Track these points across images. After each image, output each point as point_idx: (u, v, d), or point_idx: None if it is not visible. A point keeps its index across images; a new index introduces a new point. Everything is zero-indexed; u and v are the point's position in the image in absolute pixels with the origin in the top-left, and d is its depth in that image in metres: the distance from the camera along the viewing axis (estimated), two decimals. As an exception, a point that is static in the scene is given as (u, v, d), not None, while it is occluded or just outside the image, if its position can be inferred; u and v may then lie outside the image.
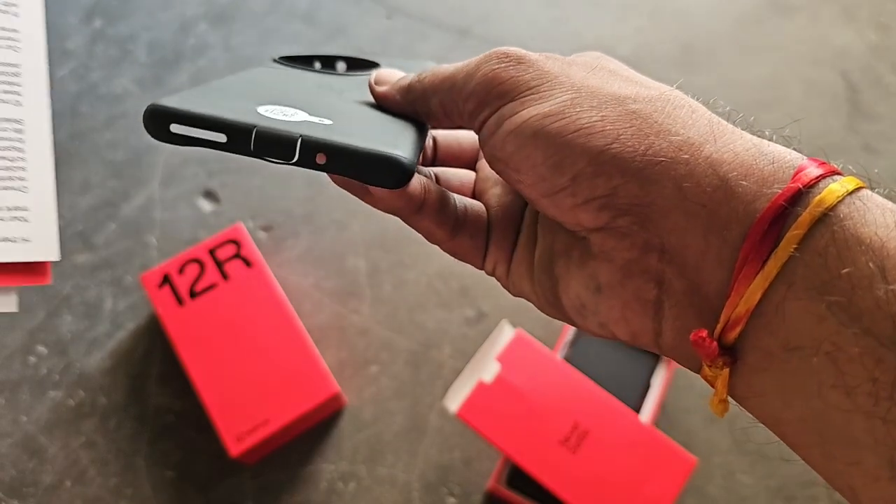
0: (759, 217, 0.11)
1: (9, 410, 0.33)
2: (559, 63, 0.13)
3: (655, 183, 0.11)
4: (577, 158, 0.12)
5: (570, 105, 0.12)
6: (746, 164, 0.11)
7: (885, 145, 0.45)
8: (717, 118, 0.12)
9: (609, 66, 0.14)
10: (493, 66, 0.13)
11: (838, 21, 0.51)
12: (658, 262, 0.12)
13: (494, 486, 0.29)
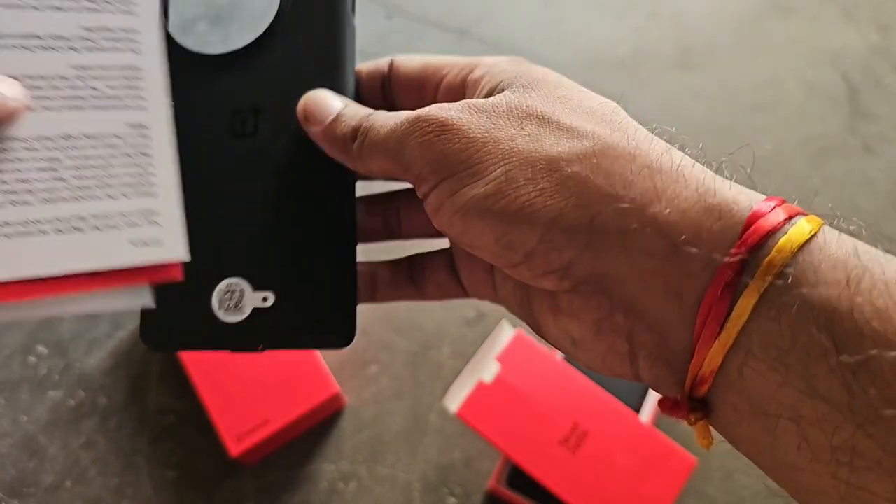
0: (709, 289, 0.10)
1: (9, 410, 0.33)
2: (484, 121, 0.12)
3: (607, 253, 0.11)
4: (526, 238, 0.12)
5: (506, 181, 0.12)
6: (694, 225, 0.11)
7: (886, 146, 0.45)
8: (658, 163, 0.12)
9: (536, 104, 0.12)
10: (420, 140, 0.13)
11: (838, 22, 0.51)
12: (626, 321, 0.12)
13: (495, 485, 0.29)
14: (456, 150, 0.12)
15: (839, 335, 0.09)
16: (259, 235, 0.13)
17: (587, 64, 0.47)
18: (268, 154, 0.13)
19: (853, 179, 0.43)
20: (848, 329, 0.09)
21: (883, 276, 0.10)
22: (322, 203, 0.14)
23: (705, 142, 0.52)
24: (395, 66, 0.16)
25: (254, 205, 0.13)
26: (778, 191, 0.48)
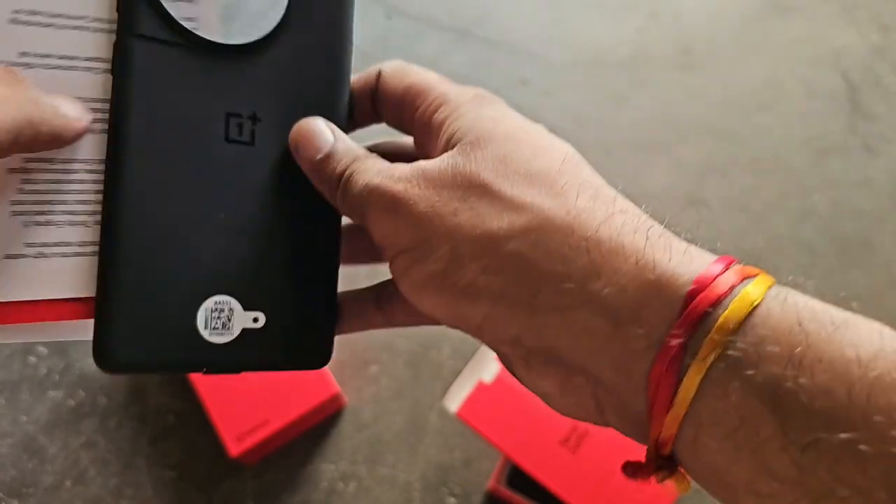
0: (654, 368, 0.10)
1: (9, 410, 0.33)
2: (430, 193, 0.12)
3: (551, 331, 0.11)
4: (473, 314, 0.12)
5: (452, 259, 0.12)
6: (634, 303, 0.11)
7: (885, 146, 0.45)
8: (596, 235, 0.11)
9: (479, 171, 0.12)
10: (376, 213, 0.13)
11: (838, 21, 0.51)
12: (586, 383, 0.12)
13: (495, 485, 0.29)
14: (405, 227, 0.12)
15: (785, 415, 0.09)
16: (250, 252, 0.12)
17: (588, 64, 0.47)
18: (264, 166, 0.13)
19: (853, 179, 0.43)
20: (793, 409, 0.09)
21: (828, 345, 0.10)
22: (312, 223, 0.13)
23: (705, 141, 0.52)
24: (382, 80, 0.16)
25: (245, 218, 0.12)
26: (778, 190, 0.48)
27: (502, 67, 0.46)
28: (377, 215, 0.13)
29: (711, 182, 0.42)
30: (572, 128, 0.43)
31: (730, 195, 0.41)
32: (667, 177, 0.42)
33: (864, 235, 0.41)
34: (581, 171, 0.13)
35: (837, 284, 0.39)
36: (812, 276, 0.39)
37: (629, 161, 0.42)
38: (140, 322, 0.11)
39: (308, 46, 0.13)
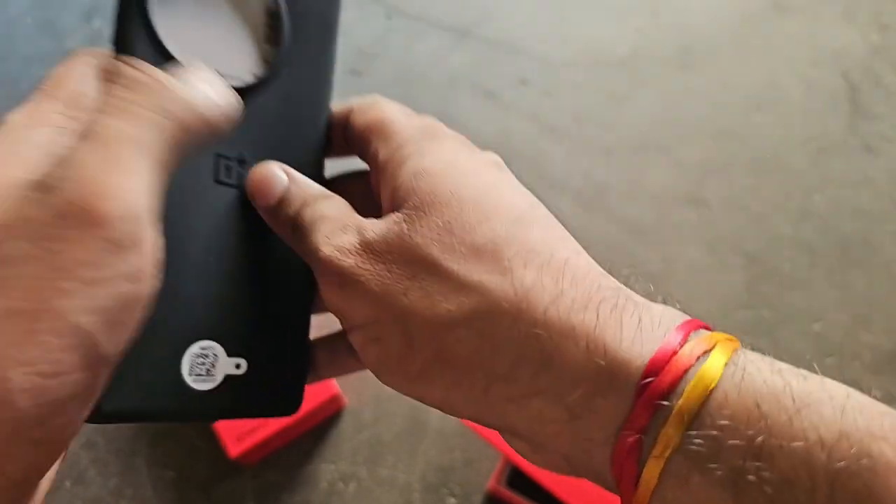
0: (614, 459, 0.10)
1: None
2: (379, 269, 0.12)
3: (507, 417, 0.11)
4: (430, 396, 0.12)
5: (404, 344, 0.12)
6: (587, 393, 0.10)
7: (886, 146, 0.45)
8: (544, 318, 0.11)
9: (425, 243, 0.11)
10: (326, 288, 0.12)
11: (839, 21, 0.51)
12: (554, 454, 0.12)
13: (495, 486, 0.29)
14: (358, 305, 0.12)
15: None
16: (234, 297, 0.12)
17: (587, 64, 0.47)
18: (248, 211, 0.13)
19: (853, 179, 0.43)
20: (757, 501, 0.09)
21: (789, 429, 0.09)
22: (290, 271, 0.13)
23: (705, 141, 0.51)
24: (351, 114, 0.15)
25: (231, 263, 0.12)
26: (778, 190, 0.47)
27: (502, 67, 0.46)
28: (329, 288, 0.12)
29: (711, 182, 0.42)
30: (572, 127, 0.43)
31: (730, 195, 0.41)
32: (667, 177, 0.42)
33: (864, 235, 0.41)
34: (530, 234, 0.12)
35: (838, 284, 0.38)
36: (812, 276, 0.39)
37: (629, 161, 0.42)
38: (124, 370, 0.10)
39: (291, 93, 0.13)
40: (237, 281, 0.12)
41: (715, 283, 0.38)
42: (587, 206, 0.40)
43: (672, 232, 0.39)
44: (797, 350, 0.36)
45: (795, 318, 0.37)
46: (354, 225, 0.12)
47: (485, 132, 0.42)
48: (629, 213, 0.40)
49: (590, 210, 0.40)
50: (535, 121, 0.44)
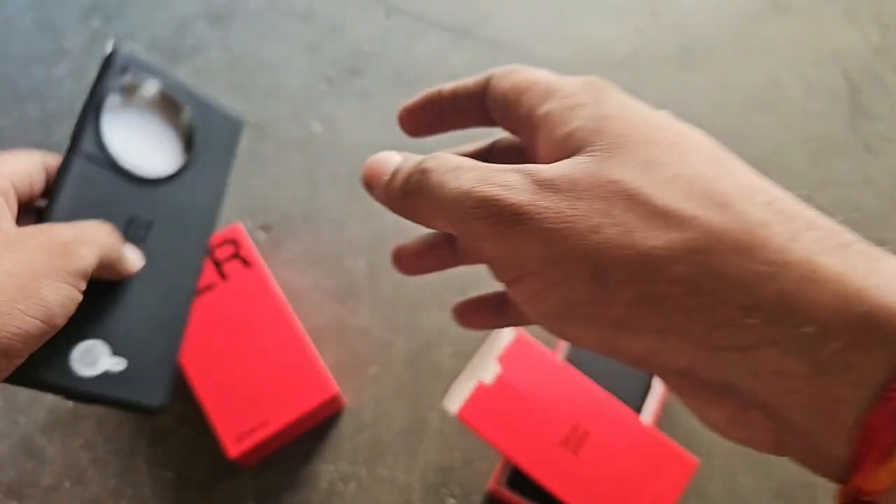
0: (870, 421, 0.09)
1: (7, 411, 0.33)
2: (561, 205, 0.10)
3: (731, 368, 0.10)
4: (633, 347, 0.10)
5: (596, 287, 0.10)
6: (841, 344, 0.09)
7: (886, 145, 0.45)
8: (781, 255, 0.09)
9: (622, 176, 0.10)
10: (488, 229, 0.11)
11: (839, 21, 0.51)
12: (765, 419, 0.10)
13: (495, 487, 0.29)
14: (531, 247, 0.10)
15: None
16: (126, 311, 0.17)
17: (587, 63, 0.47)
18: (151, 256, 0.18)
19: (854, 179, 0.43)
20: None
21: None
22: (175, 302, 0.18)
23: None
24: (491, 80, 0.15)
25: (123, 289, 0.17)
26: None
27: (502, 66, 0.46)
28: (489, 231, 0.11)
29: (712, 182, 0.42)
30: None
31: (730, 195, 0.41)
32: (667, 177, 0.42)
33: (865, 235, 0.40)
34: (738, 172, 0.11)
35: (838, 284, 0.38)
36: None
37: (629, 161, 0.42)
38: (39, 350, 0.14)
39: (195, 186, 0.19)
40: (133, 303, 0.17)
41: (715, 283, 0.38)
42: (587, 205, 0.40)
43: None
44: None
45: (795, 319, 0.37)
46: (513, 168, 0.11)
47: (485, 131, 0.42)
48: (629, 212, 0.40)
49: (590, 210, 0.39)
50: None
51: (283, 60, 0.45)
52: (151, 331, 0.17)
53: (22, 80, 0.44)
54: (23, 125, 0.42)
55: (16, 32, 0.46)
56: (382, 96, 0.43)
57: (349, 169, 0.41)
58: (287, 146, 0.42)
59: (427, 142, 0.20)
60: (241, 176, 0.40)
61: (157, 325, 0.18)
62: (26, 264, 0.13)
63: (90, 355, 0.16)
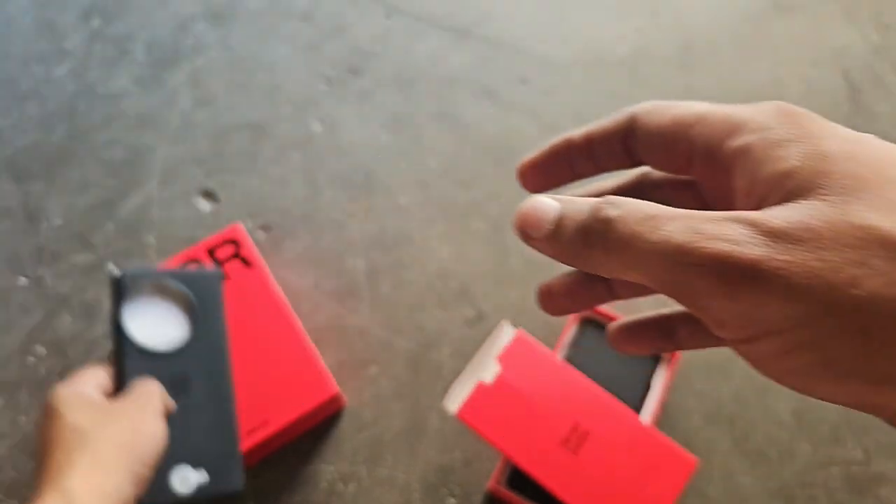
0: None
1: (8, 411, 0.33)
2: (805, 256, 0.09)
3: None
4: None
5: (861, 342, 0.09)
6: None
7: (886, 145, 0.45)
8: None
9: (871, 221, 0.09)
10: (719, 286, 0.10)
11: (839, 20, 0.51)
12: None
13: (495, 486, 0.29)
14: (776, 307, 0.09)
15: None
16: (193, 441, 0.24)
17: (588, 63, 0.47)
18: (194, 400, 0.25)
19: (854, 179, 0.43)
20: None
21: None
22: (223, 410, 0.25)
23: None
24: (639, 120, 0.13)
25: (187, 427, 0.24)
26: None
27: (502, 66, 0.46)
28: (719, 290, 0.10)
29: (712, 182, 0.42)
30: (572, 126, 0.43)
31: (730, 195, 0.41)
32: (667, 176, 0.42)
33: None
34: None
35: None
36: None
37: (629, 161, 0.42)
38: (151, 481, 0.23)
39: (204, 343, 0.26)
40: (192, 428, 0.24)
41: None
42: (587, 205, 0.40)
43: None
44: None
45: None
46: (728, 217, 0.10)
47: (485, 131, 0.42)
48: (629, 212, 0.40)
49: (590, 210, 0.39)
50: (535, 119, 0.43)
51: (283, 60, 0.45)
52: (215, 440, 0.24)
53: (22, 80, 0.44)
54: (22, 124, 0.42)
55: (16, 32, 0.46)
56: (382, 96, 0.43)
57: (349, 169, 0.41)
58: (287, 146, 0.42)
59: (436, 149, 0.20)
60: (241, 176, 0.40)
61: (217, 434, 0.24)
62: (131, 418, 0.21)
63: (182, 477, 0.23)
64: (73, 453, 0.20)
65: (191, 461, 0.24)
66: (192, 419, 0.24)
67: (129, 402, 0.22)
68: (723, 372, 0.35)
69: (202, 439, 0.24)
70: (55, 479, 0.19)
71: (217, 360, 0.26)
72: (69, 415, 0.21)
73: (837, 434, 0.34)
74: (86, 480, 0.19)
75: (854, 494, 0.32)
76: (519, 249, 0.38)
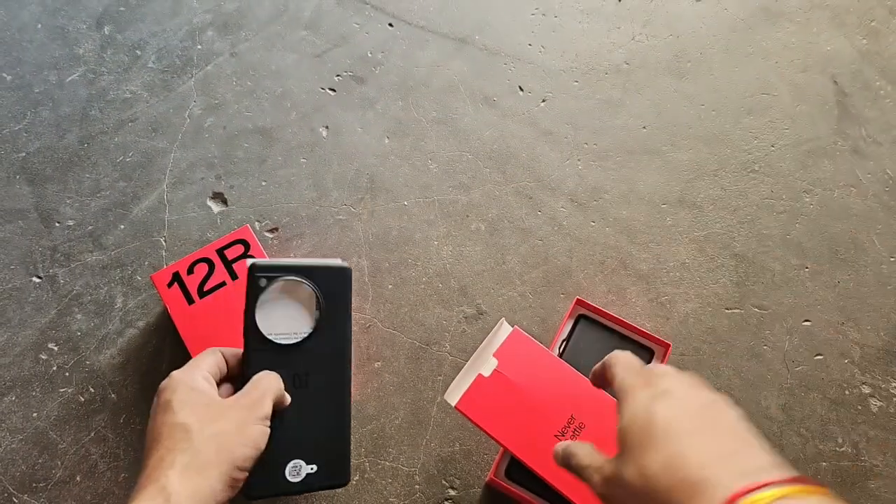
0: None
1: (20, 407, 0.34)
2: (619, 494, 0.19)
3: None
4: None
5: None
6: None
7: (874, 148, 0.46)
8: None
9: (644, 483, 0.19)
10: None
11: (828, 27, 0.52)
12: None
13: (493, 478, 0.30)
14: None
15: None
16: (309, 436, 0.24)
17: (583, 70, 0.48)
18: (312, 394, 0.25)
19: (842, 181, 0.44)
20: None
21: None
22: (339, 409, 0.25)
23: (698, 146, 0.52)
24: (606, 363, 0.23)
25: (304, 420, 0.24)
26: (769, 192, 0.48)
27: (500, 74, 0.47)
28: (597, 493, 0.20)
29: (702, 184, 0.43)
30: (568, 132, 0.44)
31: (721, 197, 0.42)
32: (659, 179, 0.43)
33: (853, 236, 0.42)
34: None
35: (826, 284, 0.39)
36: (801, 276, 0.40)
37: (623, 164, 0.43)
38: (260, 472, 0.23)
39: (327, 339, 0.25)
40: (306, 428, 0.24)
41: (706, 282, 0.39)
42: (582, 207, 0.41)
43: (664, 233, 0.40)
44: (786, 348, 0.37)
45: (785, 317, 0.38)
46: (600, 467, 0.21)
47: (483, 137, 0.43)
48: (622, 214, 0.41)
49: (584, 211, 0.41)
50: (531, 126, 0.45)
51: (290, 68, 0.46)
52: (329, 438, 0.24)
53: (35, 85, 0.45)
54: (36, 128, 0.43)
55: (29, 39, 0.47)
56: (385, 102, 0.45)
57: (353, 172, 0.42)
58: (294, 150, 0.43)
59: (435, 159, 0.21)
60: (250, 179, 0.42)
61: (331, 432, 0.25)
62: (236, 420, 0.22)
63: (295, 469, 0.24)
64: (177, 452, 0.21)
65: (304, 455, 0.24)
66: (309, 413, 0.24)
67: (240, 400, 0.23)
68: (713, 367, 0.36)
69: (317, 433, 0.24)
70: (156, 475, 0.20)
71: (338, 355, 0.25)
72: (181, 412, 0.21)
73: (826, 429, 0.34)
74: (184, 481, 0.20)
75: (844, 488, 0.33)
76: (516, 249, 0.39)
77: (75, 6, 0.50)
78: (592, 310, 0.34)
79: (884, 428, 0.35)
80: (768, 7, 0.53)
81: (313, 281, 0.25)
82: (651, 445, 0.19)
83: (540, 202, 0.41)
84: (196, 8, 0.50)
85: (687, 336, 0.37)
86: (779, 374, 0.36)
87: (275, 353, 0.24)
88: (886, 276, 0.40)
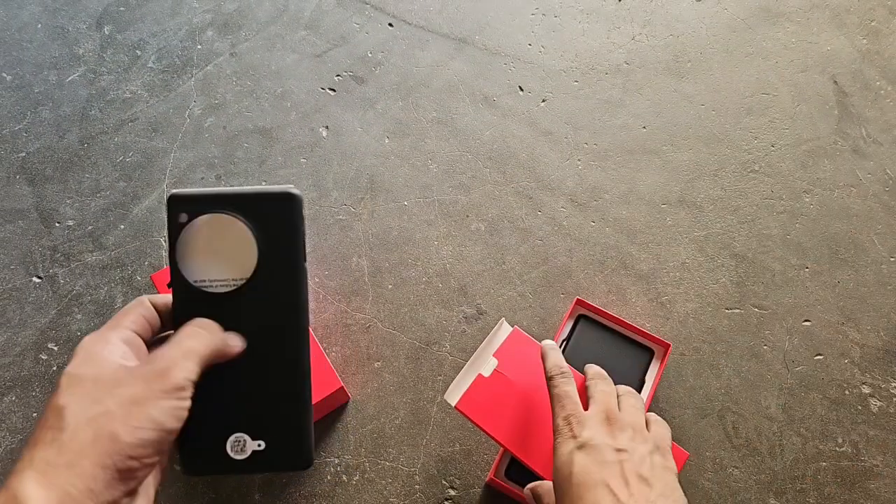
0: None
1: (20, 407, 0.34)
2: None
3: None
4: None
5: None
6: None
7: (874, 148, 0.46)
8: None
9: None
10: None
11: (829, 27, 0.52)
12: None
13: (493, 478, 0.30)
14: None
15: None
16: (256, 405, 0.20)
17: (583, 70, 0.48)
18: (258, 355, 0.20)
19: (842, 181, 0.44)
20: None
21: None
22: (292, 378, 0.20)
23: (698, 146, 0.53)
24: None
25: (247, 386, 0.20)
26: (769, 191, 0.49)
27: (500, 74, 0.47)
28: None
29: (702, 184, 0.43)
30: (567, 132, 0.44)
31: (721, 197, 0.42)
32: (659, 179, 0.43)
33: (853, 236, 0.42)
34: None
35: (826, 283, 0.39)
36: (801, 276, 0.40)
37: (623, 164, 0.43)
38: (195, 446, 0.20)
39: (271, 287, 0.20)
40: (254, 393, 0.20)
41: (706, 282, 0.39)
42: (582, 207, 0.41)
43: (664, 232, 0.40)
44: (786, 348, 0.37)
45: (784, 317, 0.38)
46: None
47: (483, 136, 0.44)
48: (622, 214, 0.41)
49: (584, 211, 0.41)
50: (531, 126, 0.45)
51: (290, 68, 0.46)
52: (279, 411, 0.20)
53: (35, 85, 0.45)
54: (36, 128, 0.43)
55: (29, 39, 0.47)
56: (385, 103, 0.45)
57: (354, 172, 0.42)
58: (294, 150, 0.43)
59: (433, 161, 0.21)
60: (250, 178, 0.42)
61: (282, 405, 0.20)
62: (129, 396, 0.17)
63: (238, 444, 0.20)
64: (41, 445, 0.15)
65: (248, 428, 0.20)
66: (253, 377, 0.20)
67: (140, 370, 0.17)
68: (713, 367, 0.36)
69: (264, 403, 0.20)
70: (10, 480, 0.15)
71: (289, 308, 0.20)
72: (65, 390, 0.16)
73: (826, 429, 0.35)
74: (44, 484, 0.15)
75: (844, 488, 0.33)
76: (516, 249, 0.39)
77: (75, 6, 0.50)
78: (592, 310, 0.34)
79: (884, 428, 0.35)
80: (768, 7, 0.53)
81: (249, 214, 0.20)
82: (568, 496, 0.21)
83: (540, 202, 0.41)
84: (196, 8, 0.50)
85: (687, 336, 0.37)
86: (779, 374, 0.36)
87: (206, 305, 0.19)
88: (886, 276, 0.40)
